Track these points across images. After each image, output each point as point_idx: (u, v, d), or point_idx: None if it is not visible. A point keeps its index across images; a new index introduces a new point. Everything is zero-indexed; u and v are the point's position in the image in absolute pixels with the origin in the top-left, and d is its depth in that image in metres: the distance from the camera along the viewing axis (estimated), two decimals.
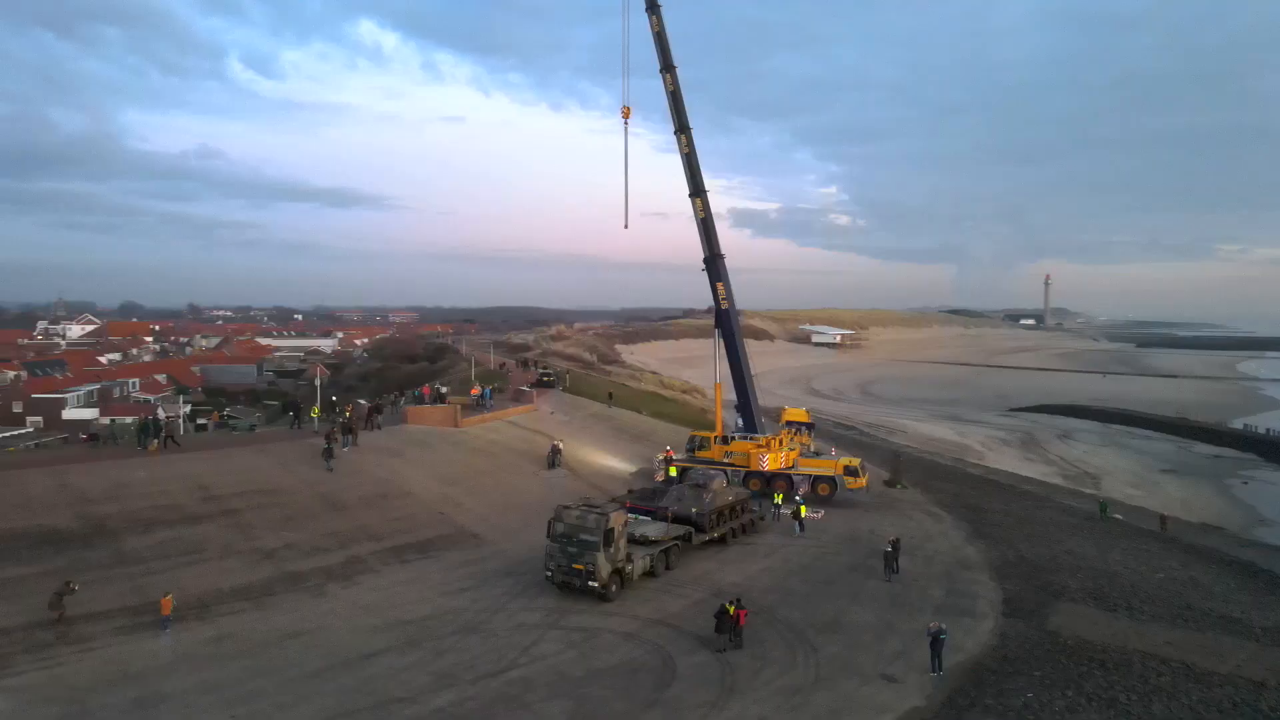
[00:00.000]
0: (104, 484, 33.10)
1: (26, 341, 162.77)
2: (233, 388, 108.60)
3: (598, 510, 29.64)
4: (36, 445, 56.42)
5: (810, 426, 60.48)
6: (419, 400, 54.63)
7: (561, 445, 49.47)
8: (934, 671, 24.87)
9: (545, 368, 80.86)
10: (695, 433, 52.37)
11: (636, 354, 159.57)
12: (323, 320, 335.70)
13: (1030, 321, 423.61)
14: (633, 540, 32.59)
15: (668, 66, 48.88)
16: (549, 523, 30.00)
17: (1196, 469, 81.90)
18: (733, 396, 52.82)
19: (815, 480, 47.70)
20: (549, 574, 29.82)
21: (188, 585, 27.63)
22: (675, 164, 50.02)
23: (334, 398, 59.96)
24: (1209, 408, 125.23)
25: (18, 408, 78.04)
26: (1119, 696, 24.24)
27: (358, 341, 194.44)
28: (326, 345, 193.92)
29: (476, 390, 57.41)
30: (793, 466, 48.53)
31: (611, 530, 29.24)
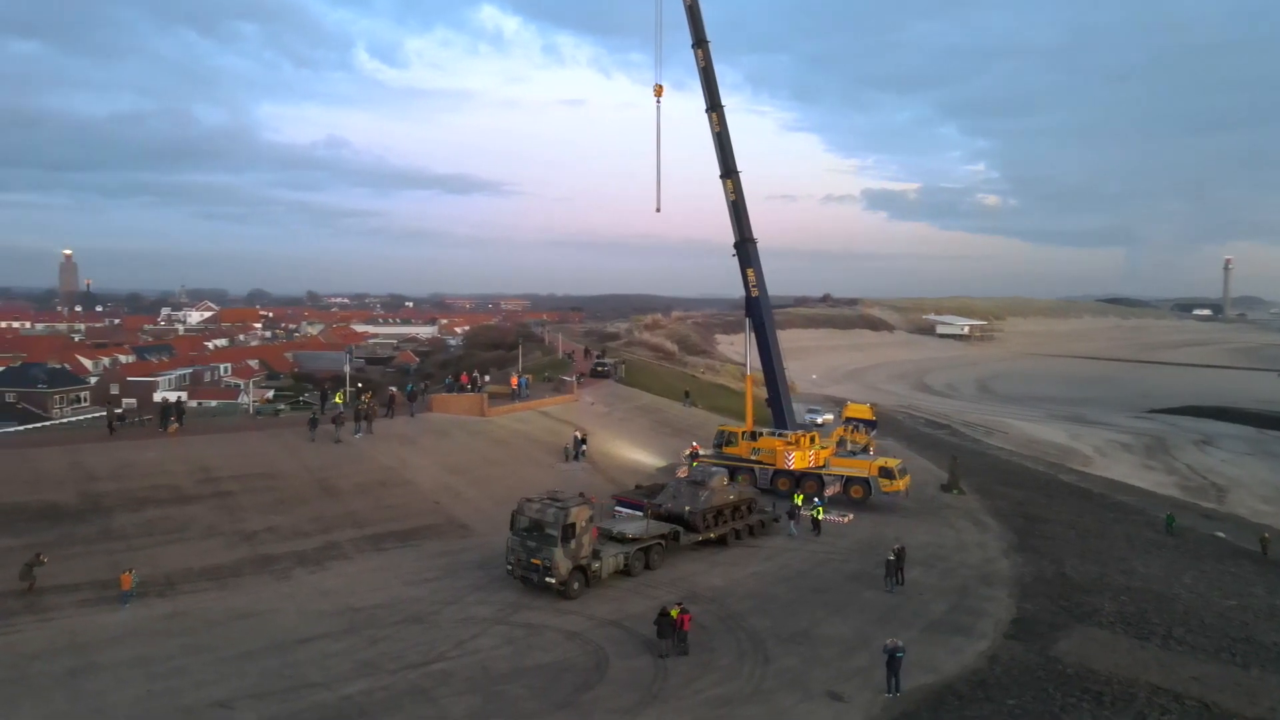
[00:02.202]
0: (112, 463, 34.79)
1: (150, 327, 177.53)
2: (321, 374, 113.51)
3: (558, 504, 28.72)
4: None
5: (873, 424, 57.34)
6: (449, 388, 55.03)
7: (584, 436, 48.61)
8: (889, 692, 22.71)
9: (601, 356, 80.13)
10: (723, 427, 50.38)
11: (736, 344, 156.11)
12: (434, 308, 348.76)
13: (1205, 312, 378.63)
14: (610, 537, 31.61)
15: (700, 41, 47.33)
16: (512, 515, 29.35)
17: None
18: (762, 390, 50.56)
19: (847, 481, 45.04)
20: (510, 568, 29.21)
21: (162, 563, 28.61)
22: (802, 144, 48.70)
23: (359, 384, 61.40)
24: None
25: (115, 389, 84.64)
26: None
27: (457, 329, 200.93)
28: (425, 333, 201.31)
29: (516, 380, 57.47)
30: (823, 466, 45.99)
31: (572, 525, 28.29)
